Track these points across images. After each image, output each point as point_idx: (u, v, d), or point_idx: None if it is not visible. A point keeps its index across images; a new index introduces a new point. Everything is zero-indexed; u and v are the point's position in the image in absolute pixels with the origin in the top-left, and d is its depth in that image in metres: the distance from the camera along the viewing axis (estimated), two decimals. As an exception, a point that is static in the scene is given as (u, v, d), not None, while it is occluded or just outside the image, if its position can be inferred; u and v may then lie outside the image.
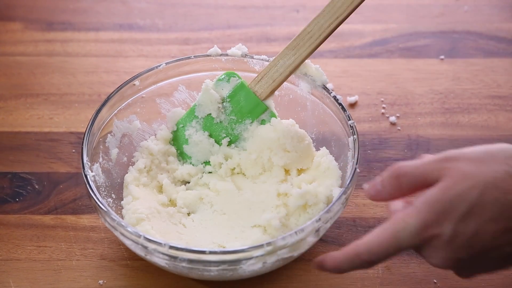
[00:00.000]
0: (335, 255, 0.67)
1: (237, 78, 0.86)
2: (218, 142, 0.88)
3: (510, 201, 0.63)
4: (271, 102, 0.86)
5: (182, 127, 0.89)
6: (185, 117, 0.88)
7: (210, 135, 0.88)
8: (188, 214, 0.85)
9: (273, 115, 0.86)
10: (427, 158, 0.67)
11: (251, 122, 0.86)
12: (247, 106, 0.86)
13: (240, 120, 0.86)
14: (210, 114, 0.87)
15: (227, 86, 0.86)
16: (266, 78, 0.84)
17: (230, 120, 0.87)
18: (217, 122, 0.87)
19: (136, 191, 0.84)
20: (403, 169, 0.67)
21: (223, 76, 0.86)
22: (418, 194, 0.67)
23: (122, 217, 0.81)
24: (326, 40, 0.82)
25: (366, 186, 0.69)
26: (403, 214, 0.65)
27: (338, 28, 0.82)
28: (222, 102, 0.86)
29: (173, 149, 0.89)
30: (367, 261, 0.66)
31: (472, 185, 0.63)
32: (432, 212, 0.64)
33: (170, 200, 0.85)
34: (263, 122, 0.86)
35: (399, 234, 0.65)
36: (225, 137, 0.87)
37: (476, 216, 0.63)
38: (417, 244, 0.65)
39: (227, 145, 0.88)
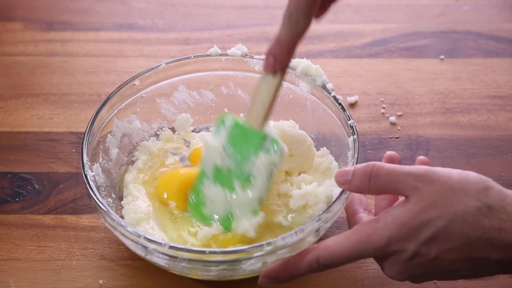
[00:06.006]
0: (290, 261, 0.70)
1: (231, 118, 0.79)
2: (231, 189, 0.80)
3: (476, 237, 0.65)
4: (270, 129, 0.80)
5: (197, 194, 0.82)
6: (197, 185, 0.81)
7: (222, 186, 0.80)
8: None
9: (275, 142, 0.79)
10: (405, 169, 0.67)
11: (256, 156, 0.78)
12: (246, 140, 0.79)
13: (245, 158, 0.79)
14: (216, 164, 0.80)
15: (224, 130, 0.79)
16: (256, 104, 0.77)
17: (236, 161, 0.79)
18: (225, 170, 0.80)
19: (136, 191, 0.84)
20: (378, 171, 0.68)
21: (217, 123, 0.80)
22: (382, 200, 0.73)
23: (122, 217, 0.81)
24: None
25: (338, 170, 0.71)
26: (368, 229, 0.67)
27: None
28: (224, 149, 0.79)
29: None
30: (325, 266, 0.69)
31: (441, 214, 0.65)
32: (398, 233, 0.66)
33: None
34: (267, 152, 0.78)
35: (362, 247, 0.67)
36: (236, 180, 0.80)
37: (439, 243, 0.65)
38: (377, 256, 0.68)
39: (242, 189, 0.80)
